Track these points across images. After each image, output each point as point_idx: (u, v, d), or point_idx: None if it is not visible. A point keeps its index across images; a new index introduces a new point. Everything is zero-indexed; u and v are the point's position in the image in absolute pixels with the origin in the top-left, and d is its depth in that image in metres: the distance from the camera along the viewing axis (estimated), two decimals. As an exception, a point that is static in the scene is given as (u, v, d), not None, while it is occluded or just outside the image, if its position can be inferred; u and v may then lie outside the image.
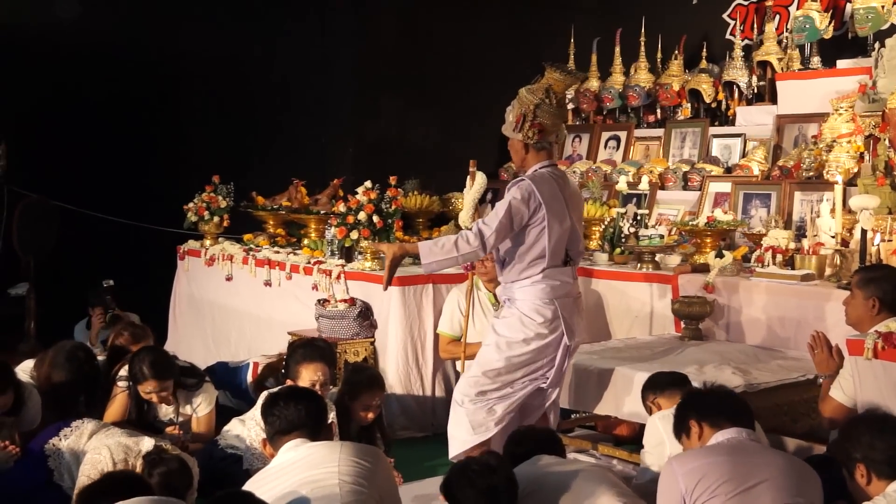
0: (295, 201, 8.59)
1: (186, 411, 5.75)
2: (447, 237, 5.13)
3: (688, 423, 4.01)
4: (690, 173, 8.24)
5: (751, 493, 3.58)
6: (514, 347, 5.10)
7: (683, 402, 4.17)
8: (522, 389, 5.14)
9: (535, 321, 5.09)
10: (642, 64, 9.29)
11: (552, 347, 5.14)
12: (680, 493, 3.60)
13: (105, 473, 4.19)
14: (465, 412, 5.12)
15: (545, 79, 5.23)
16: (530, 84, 5.25)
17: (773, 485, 3.61)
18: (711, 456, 3.70)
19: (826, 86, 7.76)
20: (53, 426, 5.10)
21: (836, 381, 4.68)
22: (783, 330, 6.12)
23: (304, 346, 5.80)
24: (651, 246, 6.99)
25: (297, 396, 4.12)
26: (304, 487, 3.70)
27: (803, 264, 6.31)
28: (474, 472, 3.77)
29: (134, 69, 9.79)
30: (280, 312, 7.69)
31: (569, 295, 5.19)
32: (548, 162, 5.23)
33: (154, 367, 5.56)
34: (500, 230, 5.01)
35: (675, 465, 3.72)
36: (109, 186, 9.83)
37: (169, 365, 5.69)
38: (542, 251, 5.09)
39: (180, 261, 9.01)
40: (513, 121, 5.20)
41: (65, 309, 8.62)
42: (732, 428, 3.85)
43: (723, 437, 3.84)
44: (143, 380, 5.55)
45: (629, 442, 5.97)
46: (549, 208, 5.06)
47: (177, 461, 4.39)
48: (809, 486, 3.75)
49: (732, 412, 3.96)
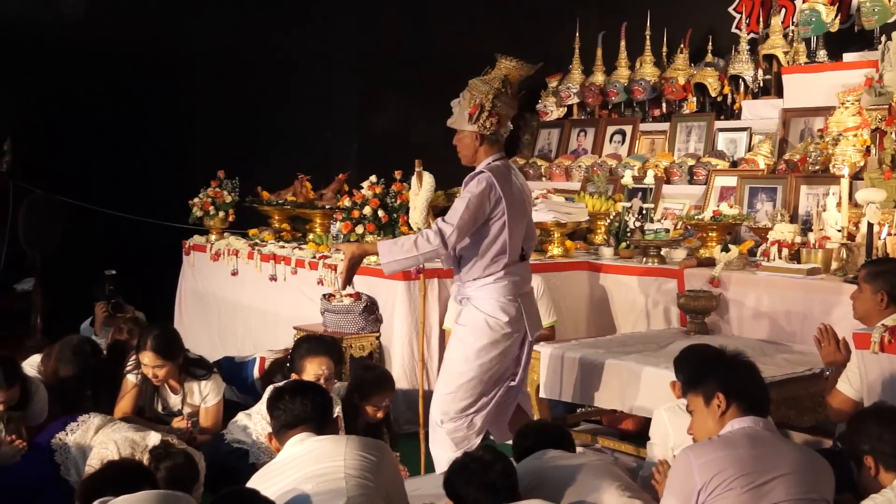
0: (300, 196, 8.58)
1: (194, 402, 5.74)
2: (407, 236, 5.03)
3: (713, 392, 3.83)
4: (696, 167, 8.23)
5: (765, 487, 3.54)
6: (482, 354, 5.01)
7: (712, 363, 4.02)
8: (497, 394, 5.11)
9: (501, 321, 5.00)
10: (648, 58, 9.28)
11: (517, 345, 5.09)
12: (694, 485, 3.57)
13: (106, 462, 4.19)
14: (446, 431, 5.07)
15: (499, 69, 5.09)
16: (481, 75, 5.10)
17: (787, 479, 3.58)
18: (728, 448, 3.64)
19: (832, 79, 7.75)
20: (60, 420, 5.11)
21: (844, 374, 4.67)
22: (789, 324, 6.11)
23: (309, 341, 5.82)
24: (657, 240, 6.99)
25: (302, 390, 4.11)
26: (310, 482, 3.70)
27: (809, 258, 6.30)
28: (472, 469, 3.77)
29: (139, 64, 9.80)
30: (285, 307, 7.68)
31: (528, 290, 5.15)
32: (500, 155, 5.10)
33: (157, 340, 5.54)
34: (462, 227, 4.87)
35: (691, 457, 3.65)
36: (115, 182, 9.85)
37: (172, 344, 5.66)
38: (503, 246, 4.97)
39: (186, 256, 9.00)
40: (466, 112, 5.03)
41: (71, 304, 8.62)
42: (750, 416, 3.79)
43: (739, 424, 3.76)
44: (142, 349, 5.54)
45: (635, 436, 5.96)
46: (508, 202, 4.93)
47: (183, 455, 4.40)
48: (823, 479, 3.72)
49: (756, 399, 3.87)
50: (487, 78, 5.09)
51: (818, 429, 5.37)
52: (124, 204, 9.77)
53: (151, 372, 5.58)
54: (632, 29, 9.41)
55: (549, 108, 10.06)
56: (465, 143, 5.09)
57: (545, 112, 10.10)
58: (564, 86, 9.88)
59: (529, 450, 4.29)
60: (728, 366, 3.98)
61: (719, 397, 3.82)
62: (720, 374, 3.91)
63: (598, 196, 7.98)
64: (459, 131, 5.08)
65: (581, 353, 5.69)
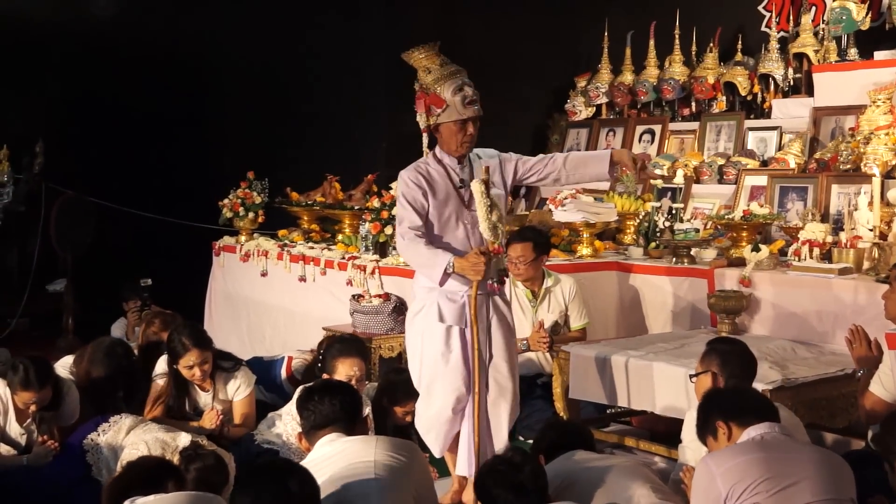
0: (329, 197, 8.60)
1: (226, 397, 5.73)
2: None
3: (714, 425, 3.91)
4: (726, 167, 8.18)
5: (789, 491, 3.53)
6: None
7: (704, 404, 4.06)
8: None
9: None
10: (677, 57, 9.24)
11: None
12: (718, 493, 3.55)
13: (126, 464, 4.20)
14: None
15: (418, 64, 4.88)
16: (446, 66, 4.84)
17: (812, 481, 3.57)
18: (748, 453, 3.63)
19: (863, 77, 7.68)
20: (92, 421, 5.16)
21: (876, 375, 4.64)
22: (821, 324, 6.07)
23: (341, 342, 5.84)
24: (686, 240, 6.95)
25: (332, 391, 4.12)
26: (340, 482, 3.71)
27: (841, 258, 6.25)
28: (501, 471, 3.79)
29: (168, 66, 9.86)
30: (315, 308, 7.70)
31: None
32: None
33: (193, 336, 5.56)
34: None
35: (711, 465, 3.65)
36: (145, 183, 9.92)
37: (205, 335, 5.71)
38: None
39: (216, 256, 9.04)
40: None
41: (102, 305, 8.69)
42: (762, 423, 3.79)
43: (755, 432, 3.76)
44: (184, 352, 5.53)
45: (665, 437, 5.93)
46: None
47: (213, 457, 4.41)
48: (845, 481, 3.71)
49: (757, 408, 3.89)
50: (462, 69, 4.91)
51: (851, 430, 5.33)
52: (155, 205, 9.84)
53: (199, 371, 5.57)
54: (661, 28, 9.37)
55: (578, 108, 10.03)
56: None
57: (574, 112, 10.07)
58: (593, 85, 9.85)
59: (550, 449, 4.31)
60: (715, 393, 4.13)
61: (720, 425, 3.87)
62: (713, 405, 3.99)
63: (628, 196, 7.94)
64: (477, 120, 4.89)
65: (610, 353, 5.66)
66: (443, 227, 4.81)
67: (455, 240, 4.81)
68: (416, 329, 4.92)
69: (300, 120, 10.16)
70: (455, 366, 4.79)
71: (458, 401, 4.82)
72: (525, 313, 6.52)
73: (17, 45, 9.50)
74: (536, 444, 4.63)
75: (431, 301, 4.81)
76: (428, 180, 4.80)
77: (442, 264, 4.61)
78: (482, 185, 4.58)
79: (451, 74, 4.80)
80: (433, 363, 4.83)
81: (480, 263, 4.56)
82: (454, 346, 4.79)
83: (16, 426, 5.21)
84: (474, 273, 4.57)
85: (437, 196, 4.79)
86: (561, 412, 5.96)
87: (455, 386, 4.80)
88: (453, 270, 4.61)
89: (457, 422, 4.89)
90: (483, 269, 4.57)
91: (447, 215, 4.81)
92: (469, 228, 4.82)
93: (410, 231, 4.74)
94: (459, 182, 4.82)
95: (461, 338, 4.79)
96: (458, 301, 4.78)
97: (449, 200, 4.81)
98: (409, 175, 4.84)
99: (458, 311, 4.78)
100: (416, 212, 4.77)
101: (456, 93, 4.76)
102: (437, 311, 4.78)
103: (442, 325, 4.78)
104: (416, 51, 4.86)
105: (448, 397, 4.81)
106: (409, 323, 5.00)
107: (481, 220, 4.59)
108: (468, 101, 4.77)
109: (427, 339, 4.84)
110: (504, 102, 9.52)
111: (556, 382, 5.99)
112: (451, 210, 4.81)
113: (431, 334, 4.81)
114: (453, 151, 4.83)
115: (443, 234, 4.81)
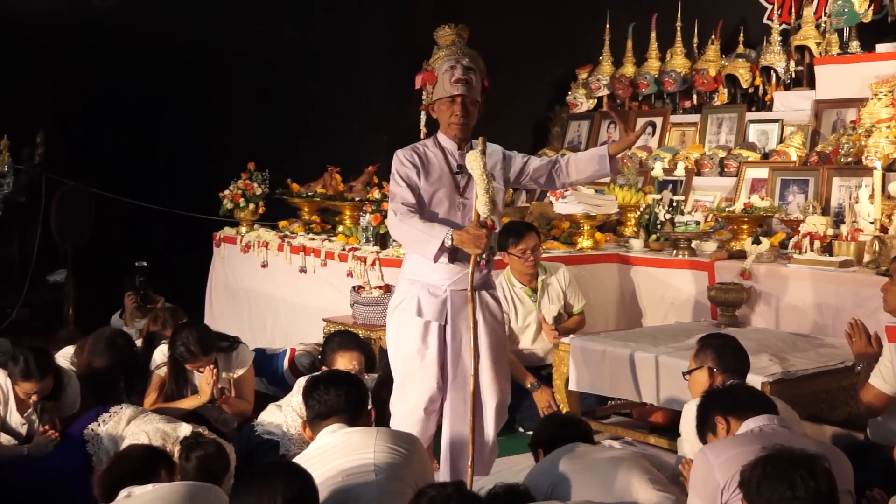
0: (330, 188, 8.60)
1: (225, 373, 5.76)
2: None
3: (713, 420, 3.93)
4: (727, 159, 8.18)
5: (787, 482, 3.54)
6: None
7: (703, 401, 4.08)
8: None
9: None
10: (678, 49, 9.23)
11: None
12: (716, 484, 3.56)
13: (113, 456, 4.20)
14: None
15: (437, 42, 4.80)
16: (458, 44, 4.76)
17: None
18: (746, 444, 3.63)
19: (865, 70, 7.67)
20: (92, 411, 5.16)
21: (876, 368, 4.64)
22: (821, 317, 6.07)
23: (341, 335, 5.87)
24: (687, 232, 6.96)
25: (339, 381, 4.09)
26: (340, 474, 3.71)
27: (841, 251, 6.26)
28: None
29: (169, 57, 9.85)
30: (315, 299, 7.71)
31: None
32: None
33: (201, 344, 5.56)
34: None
35: (709, 455, 3.65)
36: (146, 174, 9.92)
37: (211, 338, 5.71)
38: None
39: (216, 248, 9.04)
40: (478, 85, 4.74)
41: (103, 295, 8.69)
42: (760, 416, 3.80)
43: (753, 424, 3.77)
44: (192, 360, 5.56)
45: (665, 429, 5.95)
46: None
47: (214, 446, 4.42)
48: (843, 472, 3.71)
49: (755, 401, 3.91)
50: (474, 52, 4.83)
51: (850, 423, 5.33)
52: (156, 196, 9.83)
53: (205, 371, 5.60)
54: (662, 20, 9.36)
55: (579, 100, 10.02)
56: (474, 115, 4.76)
57: (575, 104, 10.06)
58: (594, 77, 9.84)
59: (549, 442, 4.31)
60: (713, 391, 4.18)
61: (719, 420, 3.90)
62: (711, 402, 4.01)
63: (628, 188, 7.95)
64: (473, 102, 4.74)
65: (610, 345, 5.67)
66: (433, 209, 4.64)
67: (446, 223, 4.59)
68: (394, 322, 4.76)
69: (301, 111, 10.16)
70: (430, 363, 4.63)
71: (430, 401, 4.65)
72: (531, 312, 6.54)
73: (18, 36, 9.49)
74: (535, 437, 4.63)
75: (412, 294, 4.65)
76: (422, 159, 4.67)
77: (440, 236, 4.44)
78: (481, 156, 4.45)
79: (452, 53, 4.69)
80: (408, 359, 4.67)
81: (482, 236, 4.40)
82: (431, 342, 4.62)
83: (17, 416, 5.22)
84: (475, 246, 4.40)
85: (430, 177, 4.64)
86: (561, 404, 5.98)
87: (428, 384, 4.63)
88: (452, 243, 4.44)
89: (430, 423, 4.74)
90: (484, 243, 4.42)
91: (439, 198, 4.64)
92: (461, 214, 4.65)
93: (403, 206, 4.58)
94: (457, 168, 4.66)
95: (439, 334, 4.63)
96: (440, 296, 4.61)
97: (442, 183, 4.65)
98: (403, 153, 4.72)
99: (438, 306, 4.61)
100: (410, 188, 4.62)
101: (447, 70, 4.64)
102: (416, 304, 4.63)
103: (420, 319, 4.61)
104: (443, 29, 4.78)
105: (421, 395, 4.65)
106: (389, 315, 4.82)
107: (480, 193, 4.42)
108: (455, 79, 4.61)
109: (403, 334, 4.67)
110: (505, 94, 9.50)
111: (556, 374, 6.00)
112: (443, 193, 4.64)
113: (408, 329, 4.64)
114: (447, 132, 4.70)
115: (432, 218, 4.62)
